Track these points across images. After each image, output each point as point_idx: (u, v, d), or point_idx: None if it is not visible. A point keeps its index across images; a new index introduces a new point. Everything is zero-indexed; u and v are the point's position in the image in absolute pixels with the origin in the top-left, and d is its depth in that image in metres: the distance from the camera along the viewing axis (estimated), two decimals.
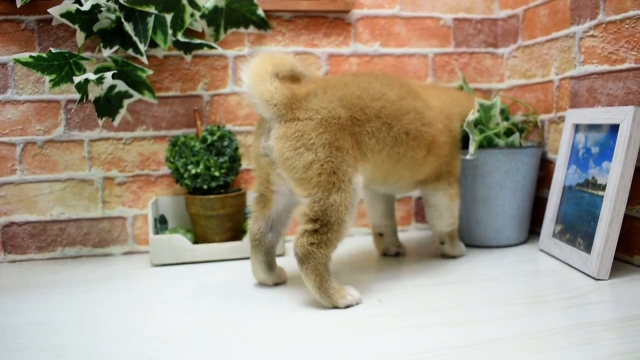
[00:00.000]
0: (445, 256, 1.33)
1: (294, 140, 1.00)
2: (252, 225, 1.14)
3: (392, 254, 1.37)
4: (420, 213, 1.65)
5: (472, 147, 1.28)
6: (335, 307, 1.00)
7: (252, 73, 1.00)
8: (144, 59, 1.27)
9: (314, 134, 1.00)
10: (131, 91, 1.32)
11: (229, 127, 1.50)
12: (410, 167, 1.17)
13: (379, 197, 1.35)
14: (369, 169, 1.10)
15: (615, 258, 1.17)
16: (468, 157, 1.27)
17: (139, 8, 1.20)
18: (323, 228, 0.99)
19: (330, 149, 1.00)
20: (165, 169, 1.48)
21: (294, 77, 1.07)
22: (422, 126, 1.16)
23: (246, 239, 1.35)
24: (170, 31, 1.29)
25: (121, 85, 1.30)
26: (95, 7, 1.20)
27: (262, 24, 1.49)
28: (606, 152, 1.18)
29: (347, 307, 1.00)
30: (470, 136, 1.29)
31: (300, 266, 1.00)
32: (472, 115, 1.29)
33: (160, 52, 1.45)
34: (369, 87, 1.11)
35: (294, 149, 0.99)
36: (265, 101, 1.00)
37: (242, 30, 1.48)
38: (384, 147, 1.10)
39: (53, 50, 1.20)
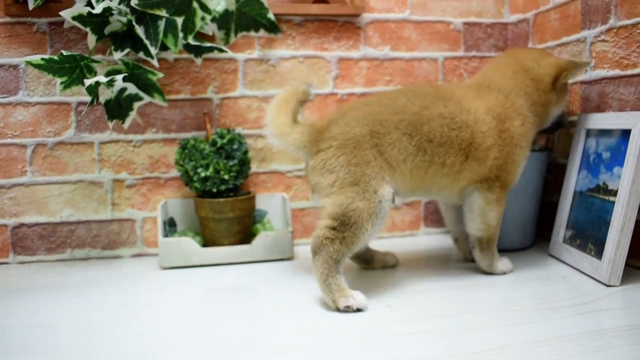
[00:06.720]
0: (480, 268, 1.24)
1: (320, 168, 1.11)
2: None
3: (470, 259, 1.33)
4: (429, 217, 1.64)
5: None
6: (336, 306, 1.00)
7: (279, 130, 1.13)
8: (155, 62, 1.27)
9: (333, 159, 1.10)
10: (141, 94, 1.32)
11: (238, 130, 1.51)
12: (445, 174, 1.16)
13: (450, 205, 1.34)
14: (399, 178, 1.13)
15: (627, 264, 1.16)
16: None
17: (150, 11, 1.20)
18: (341, 227, 1.05)
19: (348, 166, 1.08)
20: (174, 172, 1.49)
21: (304, 101, 1.17)
22: (450, 131, 1.15)
23: (255, 242, 1.35)
24: (181, 34, 1.30)
25: (131, 88, 1.30)
26: (107, 10, 1.21)
27: (273, 27, 1.49)
28: (617, 157, 1.17)
29: (346, 308, 1.00)
30: None
31: (312, 258, 1.06)
32: None
33: (170, 55, 1.45)
34: (392, 103, 1.16)
35: (320, 175, 1.11)
36: (297, 148, 1.13)
37: (252, 33, 1.48)
38: (408, 156, 1.12)
39: (64, 52, 1.20)
